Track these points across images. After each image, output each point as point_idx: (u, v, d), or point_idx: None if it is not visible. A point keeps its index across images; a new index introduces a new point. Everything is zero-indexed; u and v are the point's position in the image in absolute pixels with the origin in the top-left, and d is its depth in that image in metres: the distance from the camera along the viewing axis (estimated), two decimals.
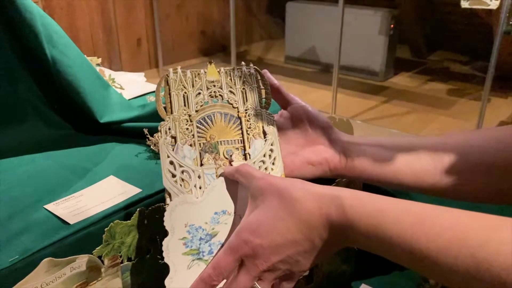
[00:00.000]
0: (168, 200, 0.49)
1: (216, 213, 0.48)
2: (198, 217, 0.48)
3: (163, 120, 0.56)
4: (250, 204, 0.45)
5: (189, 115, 0.52)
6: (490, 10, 2.24)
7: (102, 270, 0.53)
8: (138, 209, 0.55)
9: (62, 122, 0.83)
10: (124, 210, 0.60)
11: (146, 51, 3.25)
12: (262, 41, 4.19)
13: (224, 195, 0.49)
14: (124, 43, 3.08)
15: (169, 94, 0.54)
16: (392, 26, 3.04)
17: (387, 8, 3.10)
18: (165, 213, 0.47)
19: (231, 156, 0.52)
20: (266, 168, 0.52)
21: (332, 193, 0.42)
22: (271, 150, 0.53)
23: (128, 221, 0.54)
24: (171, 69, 0.55)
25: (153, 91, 1.00)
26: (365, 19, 3.08)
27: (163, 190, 0.50)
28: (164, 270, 0.60)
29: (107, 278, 0.54)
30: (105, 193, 0.63)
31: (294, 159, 0.56)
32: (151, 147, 0.73)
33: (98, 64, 1.06)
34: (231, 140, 0.54)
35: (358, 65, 3.21)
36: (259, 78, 0.57)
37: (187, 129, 0.52)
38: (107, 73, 0.99)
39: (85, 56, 0.88)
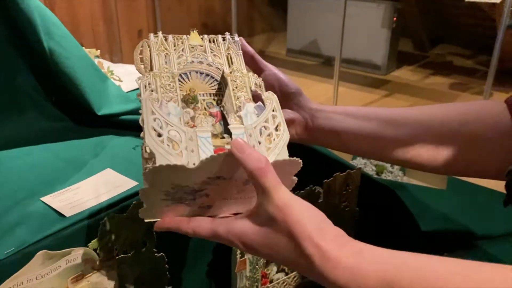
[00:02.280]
0: (148, 163, 0.43)
1: (209, 177, 0.43)
2: (187, 180, 0.42)
3: (142, 77, 0.54)
4: (256, 215, 0.41)
5: (172, 73, 0.49)
6: (494, 4, 2.22)
7: (98, 263, 0.53)
8: (134, 202, 0.55)
9: (59, 114, 0.82)
10: (121, 203, 0.60)
11: None
12: (263, 33, 4.17)
13: (223, 166, 0.42)
14: (125, 34, 3.07)
15: (150, 55, 0.51)
16: (395, 19, 3.02)
17: (390, 1, 3.08)
18: (146, 174, 0.40)
19: (210, 108, 0.51)
20: (269, 135, 0.46)
21: (347, 264, 0.38)
22: (274, 116, 0.48)
23: (124, 214, 0.54)
24: (151, 34, 0.53)
25: None
26: (367, 12, 3.06)
27: None
28: (161, 263, 0.60)
29: (103, 271, 0.54)
30: (102, 186, 0.63)
31: None
32: None
33: (97, 56, 1.06)
34: (209, 94, 0.52)
35: (360, 59, 3.19)
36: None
37: (169, 84, 0.48)
38: (105, 65, 0.98)
39: (84, 48, 0.88)
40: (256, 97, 0.51)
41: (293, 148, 0.56)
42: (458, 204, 0.96)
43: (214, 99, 0.52)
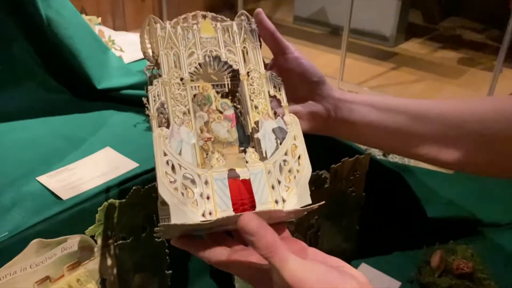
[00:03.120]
0: (162, 210, 0.41)
1: (225, 223, 0.41)
2: (203, 226, 0.40)
3: (151, 65, 0.51)
4: (269, 277, 0.40)
5: (181, 78, 0.45)
6: None
7: (95, 249, 0.51)
8: (133, 187, 0.52)
9: (58, 86, 0.79)
10: (120, 186, 0.58)
11: (151, 6, 3.15)
12: None
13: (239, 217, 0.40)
14: None
15: (157, 53, 0.48)
16: None
17: None
18: (161, 225, 0.39)
19: (225, 110, 0.48)
20: (290, 171, 0.43)
21: None
22: (295, 146, 0.44)
23: (123, 200, 0.52)
24: (158, 24, 0.48)
25: None
26: None
27: None
28: (161, 248, 0.59)
29: (100, 258, 0.52)
30: (101, 166, 0.61)
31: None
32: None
33: (98, 23, 1.01)
34: (221, 84, 0.49)
35: (368, 29, 3.11)
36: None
37: (179, 94, 0.45)
38: (106, 34, 0.94)
39: (86, 13, 0.84)
40: (275, 102, 0.48)
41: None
42: (466, 190, 0.94)
43: (227, 97, 0.49)
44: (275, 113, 0.48)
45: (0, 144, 0.65)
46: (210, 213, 0.39)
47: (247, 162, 0.42)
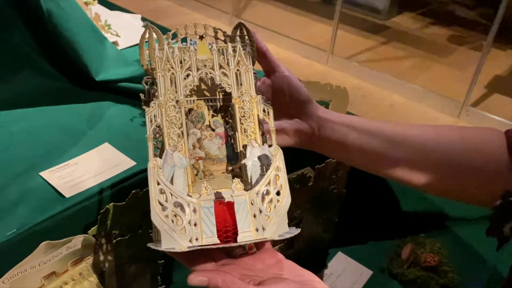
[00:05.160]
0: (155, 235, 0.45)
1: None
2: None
3: (149, 76, 0.53)
4: None
5: (177, 101, 0.48)
6: None
7: (96, 247, 0.56)
8: (132, 191, 0.56)
9: (56, 73, 0.81)
10: (119, 185, 0.62)
11: None
12: None
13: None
14: None
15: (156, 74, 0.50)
16: None
17: None
18: (152, 246, 0.43)
19: (217, 127, 0.52)
20: (271, 201, 0.46)
21: None
22: (277, 177, 0.47)
23: (123, 203, 0.56)
24: (156, 44, 0.51)
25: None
26: None
27: None
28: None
29: (100, 253, 0.57)
30: (100, 163, 0.64)
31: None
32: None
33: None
34: (213, 99, 0.53)
35: (362, 0, 3.10)
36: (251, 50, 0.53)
37: (174, 116, 0.48)
38: (102, 17, 0.95)
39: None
40: (262, 125, 0.51)
41: None
42: None
43: (220, 111, 0.52)
44: (262, 134, 0.51)
45: (2, 135, 0.68)
46: (196, 239, 0.43)
47: (233, 191, 0.45)
